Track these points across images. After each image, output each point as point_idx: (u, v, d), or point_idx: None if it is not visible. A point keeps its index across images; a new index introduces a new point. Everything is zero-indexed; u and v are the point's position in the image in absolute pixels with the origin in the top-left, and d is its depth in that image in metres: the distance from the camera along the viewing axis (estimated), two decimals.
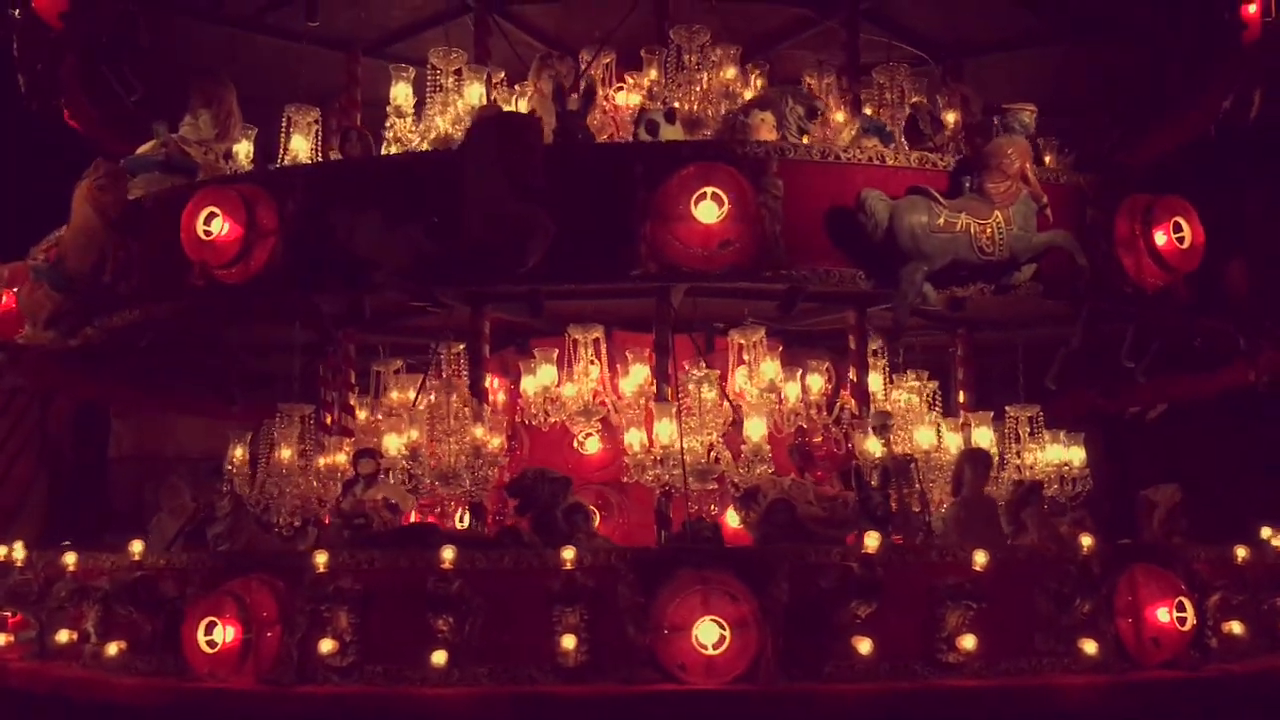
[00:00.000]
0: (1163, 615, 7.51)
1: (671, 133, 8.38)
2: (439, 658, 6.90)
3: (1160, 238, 7.83)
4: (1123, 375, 11.30)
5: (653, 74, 9.00)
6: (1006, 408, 10.40)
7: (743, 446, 8.65)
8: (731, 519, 9.91)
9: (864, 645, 6.87)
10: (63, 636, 8.18)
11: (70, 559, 8.27)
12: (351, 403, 10.37)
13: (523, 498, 8.54)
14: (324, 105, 10.66)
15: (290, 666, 7.26)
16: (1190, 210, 7.94)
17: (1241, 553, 8.12)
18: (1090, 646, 7.22)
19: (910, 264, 7.30)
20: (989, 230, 7.39)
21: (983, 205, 7.46)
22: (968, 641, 7.03)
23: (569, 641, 6.86)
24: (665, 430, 8.52)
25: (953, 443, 9.68)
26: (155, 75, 10.29)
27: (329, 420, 10.92)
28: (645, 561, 7.08)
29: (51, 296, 8.52)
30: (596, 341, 9.72)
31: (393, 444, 9.26)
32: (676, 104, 8.85)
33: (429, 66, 9.60)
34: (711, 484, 8.73)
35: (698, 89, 8.97)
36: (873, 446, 9.43)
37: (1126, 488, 10.53)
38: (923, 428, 9.41)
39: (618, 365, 9.97)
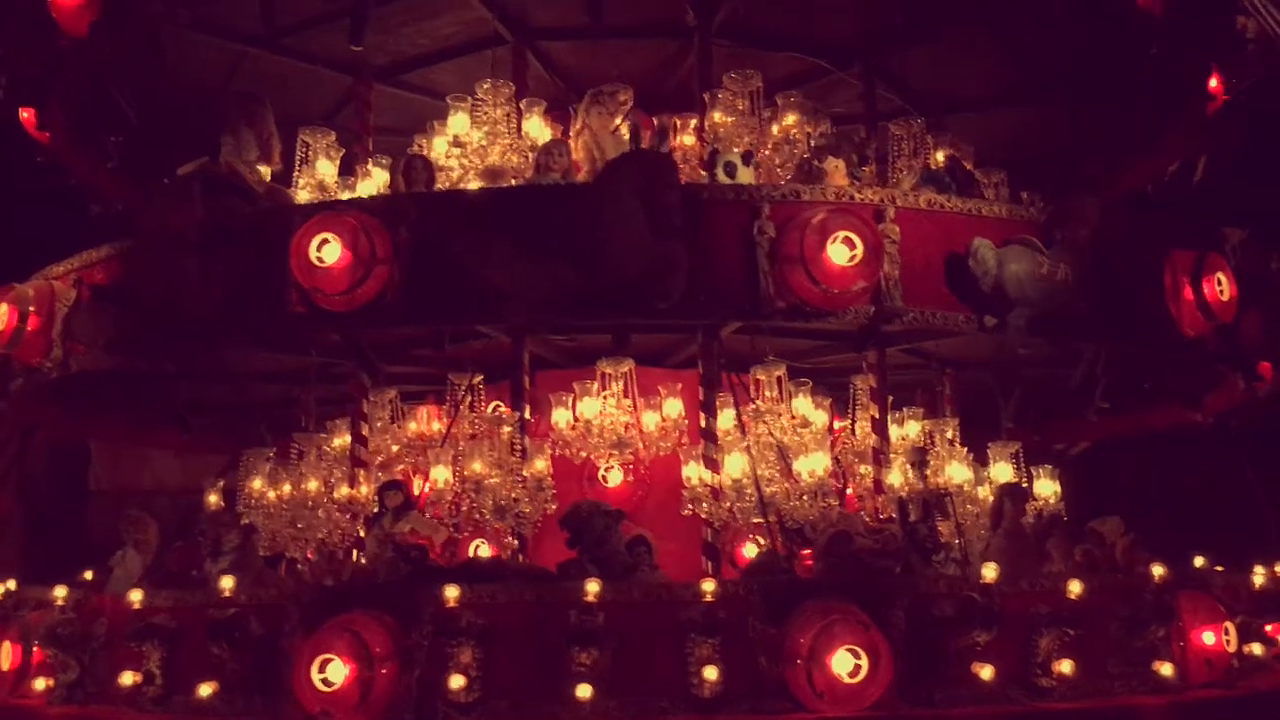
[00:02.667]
0: (1209, 638, 8.17)
1: (747, 174, 8.63)
2: (584, 691, 6.90)
3: (1208, 289, 8.57)
4: (1054, 414, 12.21)
5: (716, 116, 9.20)
6: (989, 444, 11.02)
7: (805, 480, 8.90)
8: (749, 550, 10.24)
9: (985, 671, 7.24)
10: (126, 679, 7.74)
11: (135, 596, 7.85)
12: (364, 433, 10.11)
13: (576, 531, 8.57)
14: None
15: (409, 705, 7.13)
16: (1227, 266, 8.72)
17: (1259, 579, 8.92)
18: (1167, 669, 7.79)
19: (1016, 309, 7.77)
20: None
21: (1076, 256, 8.01)
22: (1064, 666, 7.48)
23: (711, 672, 6.98)
24: (736, 464, 8.71)
25: (961, 475, 10.17)
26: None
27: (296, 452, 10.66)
28: (775, 592, 7.27)
29: (115, 320, 8.07)
30: (626, 375, 9.84)
31: (440, 475, 9.15)
32: (736, 148, 9.06)
33: (475, 97, 9.57)
34: (771, 516, 8.96)
35: (751, 132, 9.21)
36: (895, 479, 9.89)
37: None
38: (956, 463, 9.87)
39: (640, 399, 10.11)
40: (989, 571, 7.38)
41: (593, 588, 7.00)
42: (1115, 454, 12.69)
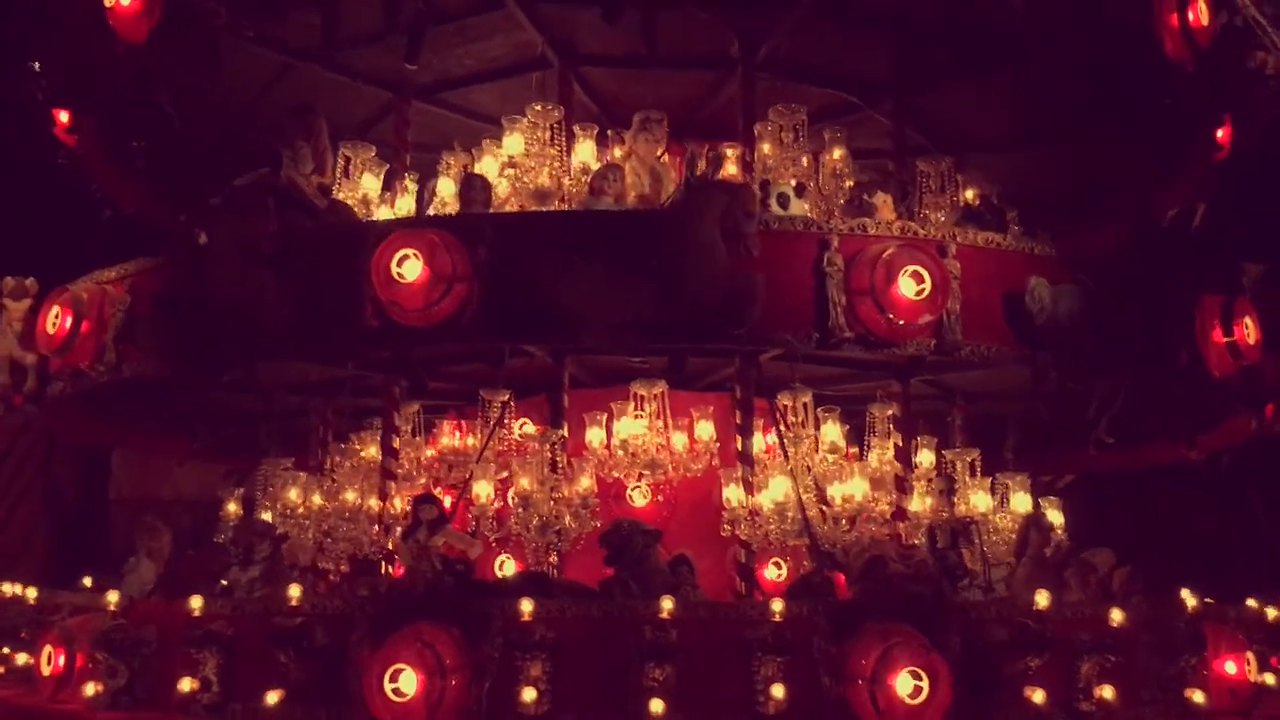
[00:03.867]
0: (1230, 668, 8.51)
1: (799, 206, 8.87)
2: (656, 706, 7.02)
3: (1238, 333, 8.94)
4: (1051, 447, 12.56)
5: (765, 148, 9.43)
6: (996, 475, 11.32)
7: (840, 505, 9.13)
8: (770, 572, 10.46)
9: (1038, 695, 7.49)
10: (184, 685, 7.73)
11: (196, 603, 7.86)
12: (395, 445, 10.17)
13: (617, 549, 8.71)
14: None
15: (479, 716, 7.21)
16: (1253, 310, 9.11)
17: (1273, 612, 9.29)
18: (1199, 696, 8.09)
19: (1068, 346, 8.08)
20: None
21: (1116, 293, 8.35)
22: (1106, 691, 7.76)
23: (779, 690, 7.15)
24: (779, 487, 8.91)
25: (984, 504, 10.46)
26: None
27: (330, 464, 10.73)
28: (837, 613, 7.46)
29: (181, 328, 8.07)
30: (659, 397, 10.01)
31: (483, 490, 9.26)
32: (780, 179, 9.30)
33: (525, 119, 9.71)
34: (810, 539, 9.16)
35: (795, 164, 9.46)
36: (916, 506, 10.15)
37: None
38: (979, 492, 10.15)
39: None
40: (1041, 599, 7.64)
41: (667, 605, 7.15)
42: (1115, 486, 13.05)
